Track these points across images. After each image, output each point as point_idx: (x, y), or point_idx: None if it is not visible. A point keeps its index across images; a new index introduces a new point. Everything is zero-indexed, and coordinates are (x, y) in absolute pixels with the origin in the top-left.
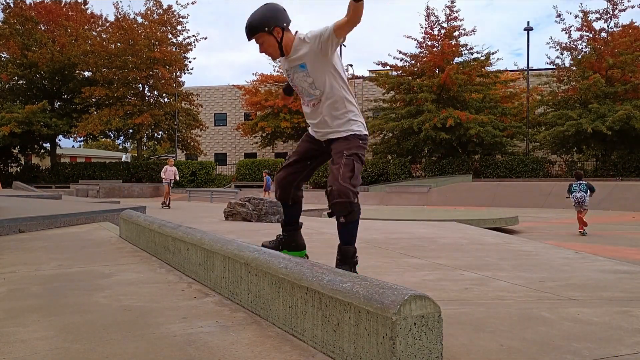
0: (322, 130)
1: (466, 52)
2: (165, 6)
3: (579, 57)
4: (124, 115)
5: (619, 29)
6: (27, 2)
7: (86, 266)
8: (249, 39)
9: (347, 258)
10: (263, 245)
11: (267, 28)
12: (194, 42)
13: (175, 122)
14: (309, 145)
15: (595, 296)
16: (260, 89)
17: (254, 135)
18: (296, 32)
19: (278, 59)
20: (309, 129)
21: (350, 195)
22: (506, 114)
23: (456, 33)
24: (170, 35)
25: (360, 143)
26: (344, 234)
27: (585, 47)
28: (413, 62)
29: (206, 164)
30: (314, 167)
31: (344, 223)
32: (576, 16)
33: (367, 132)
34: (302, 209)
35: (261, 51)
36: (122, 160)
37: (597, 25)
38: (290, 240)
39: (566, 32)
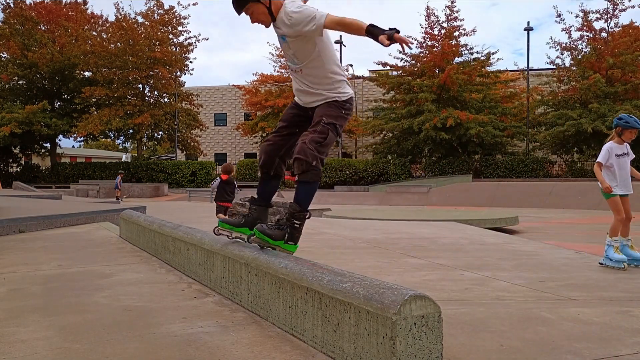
0: (306, 98)
1: (466, 52)
2: (166, 7)
3: (579, 57)
4: (124, 115)
5: (619, 29)
6: (27, 2)
7: (86, 266)
8: (239, 13)
9: (289, 213)
10: (223, 220)
11: None
12: (195, 42)
13: (175, 122)
14: (295, 112)
15: (595, 296)
16: (260, 89)
17: (254, 135)
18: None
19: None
20: (295, 98)
21: (309, 156)
22: (506, 114)
23: (456, 33)
24: (171, 36)
25: (342, 113)
26: (297, 192)
27: (586, 47)
28: (413, 62)
29: (206, 164)
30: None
31: (299, 181)
32: (577, 16)
33: (351, 92)
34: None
35: (253, 21)
36: (122, 160)
37: (597, 25)
38: (256, 218)
39: (566, 32)
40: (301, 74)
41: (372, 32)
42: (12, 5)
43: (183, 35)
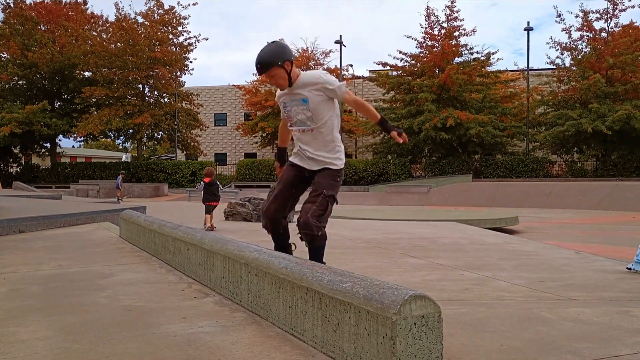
0: (308, 163)
1: (466, 52)
2: (166, 7)
3: (579, 57)
4: (124, 115)
5: (619, 29)
6: (27, 2)
7: (86, 266)
8: (262, 73)
9: None
10: None
11: (279, 62)
12: (195, 42)
13: (175, 122)
14: (294, 173)
15: (595, 296)
16: (260, 89)
17: (254, 135)
18: (300, 68)
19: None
20: (292, 157)
21: (313, 230)
22: (506, 114)
23: (456, 33)
24: (171, 36)
25: (337, 181)
26: (311, 254)
27: (586, 47)
28: (413, 62)
29: (206, 164)
30: (299, 195)
31: (309, 247)
32: (577, 16)
33: (344, 161)
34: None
35: (272, 83)
36: (122, 160)
37: (597, 25)
38: None
39: (566, 32)
40: (310, 135)
41: (384, 125)
42: (12, 5)
43: (183, 35)
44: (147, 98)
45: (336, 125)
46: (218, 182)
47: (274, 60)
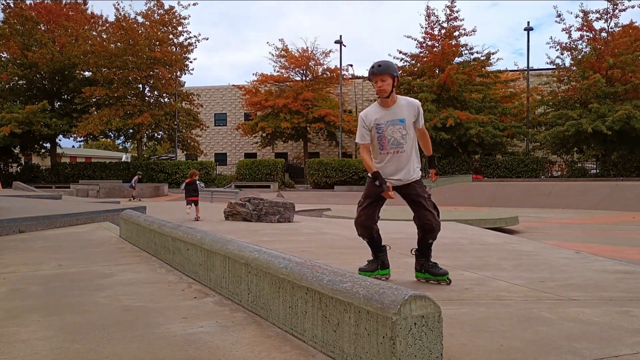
0: (397, 176)
1: (466, 52)
2: (166, 7)
3: (579, 57)
4: (124, 115)
5: (619, 29)
6: (27, 2)
7: (86, 266)
8: (379, 73)
9: (430, 256)
10: (361, 270)
11: (395, 74)
12: (195, 42)
13: (175, 122)
14: (376, 187)
15: (595, 296)
16: (260, 89)
17: (254, 135)
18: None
19: (363, 117)
20: (372, 175)
21: (439, 227)
22: (506, 114)
23: (456, 33)
24: (171, 36)
25: (424, 185)
26: (431, 245)
27: (586, 47)
28: (413, 62)
29: (206, 164)
30: (382, 203)
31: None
32: (577, 16)
33: (421, 173)
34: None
35: (377, 87)
36: (122, 160)
37: (597, 25)
38: (384, 261)
39: (566, 32)
40: (403, 156)
41: (433, 161)
42: (12, 5)
43: (183, 35)
44: (147, 98)
45: (417, 148)
46: (198, 182)
47: (392, 70)
